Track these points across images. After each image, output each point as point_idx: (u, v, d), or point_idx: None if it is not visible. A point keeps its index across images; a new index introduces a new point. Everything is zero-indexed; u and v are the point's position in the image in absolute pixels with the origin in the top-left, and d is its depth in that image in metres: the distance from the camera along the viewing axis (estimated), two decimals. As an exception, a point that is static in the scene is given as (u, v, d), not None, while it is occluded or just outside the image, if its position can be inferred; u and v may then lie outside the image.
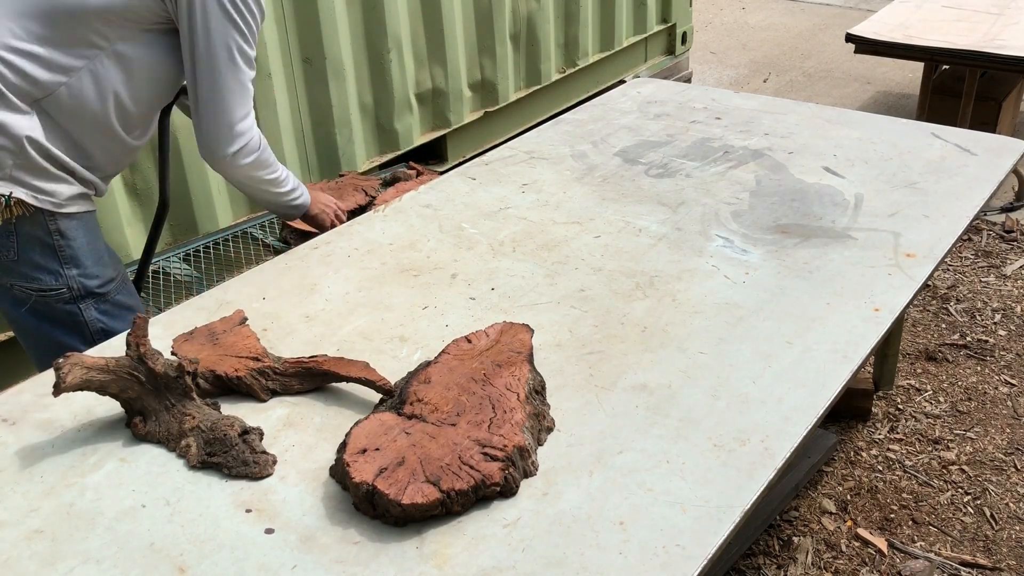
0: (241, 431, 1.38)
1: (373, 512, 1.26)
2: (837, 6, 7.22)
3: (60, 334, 1.88)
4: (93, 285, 1.88)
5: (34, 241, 1.80)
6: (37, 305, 1.86)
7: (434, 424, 1.35)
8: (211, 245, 2.74)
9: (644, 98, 2.80)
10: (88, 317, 1.88)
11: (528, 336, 1.57)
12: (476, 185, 2.28)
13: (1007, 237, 3.72)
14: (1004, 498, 2.42)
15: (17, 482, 1.36)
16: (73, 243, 1.84)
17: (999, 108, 4.22)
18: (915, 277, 1.80)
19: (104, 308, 1.91)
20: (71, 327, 1.88)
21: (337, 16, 3.18)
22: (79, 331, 1.88)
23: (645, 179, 2.27)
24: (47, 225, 1.80)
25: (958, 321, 3.18)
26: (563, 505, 1.28)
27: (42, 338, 1.90)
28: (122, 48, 1.78)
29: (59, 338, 1.87)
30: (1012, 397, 2.80)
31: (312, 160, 3.31)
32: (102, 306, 1.91)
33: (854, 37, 4.10)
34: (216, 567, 1.20)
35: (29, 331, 1.91)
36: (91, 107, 1.79)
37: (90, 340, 1.86)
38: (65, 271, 1.84)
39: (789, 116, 2.61)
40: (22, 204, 1.76)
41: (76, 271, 1.85)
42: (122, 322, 1.91)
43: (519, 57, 4.06)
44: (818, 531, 2.35)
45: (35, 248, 1.81)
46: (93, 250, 1.88)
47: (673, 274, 1.85)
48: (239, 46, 1.81)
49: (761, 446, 1.38)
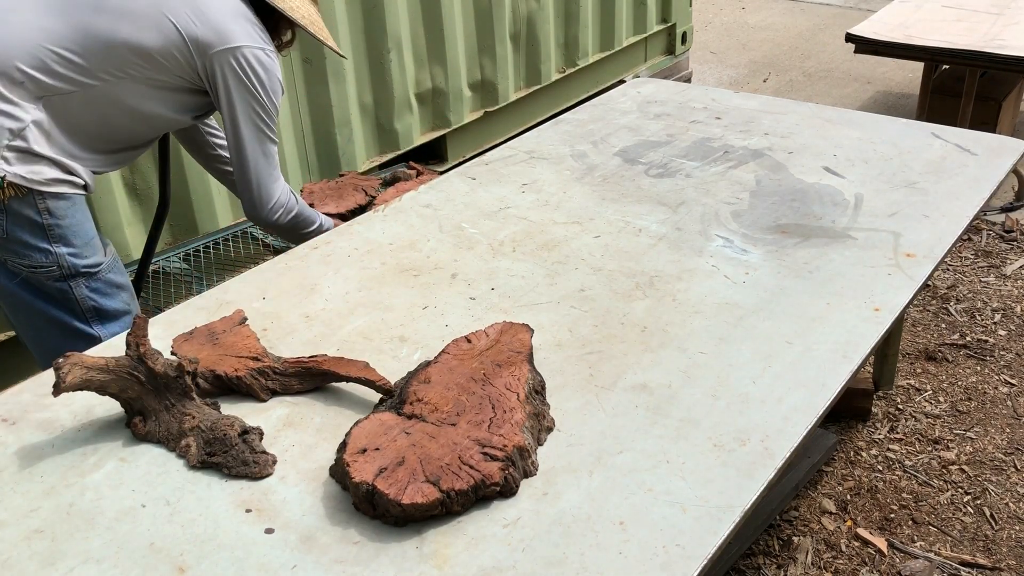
0: (241, 431, 1.38)
1: (373, 512, 1.26)
2: (837, 6, 7.22)
3: (52, 309, 1.93)
4: (81, 265, 1.93)
5: (23, 220, 1.84)
6: (29, 279, 1.91)
7: (434, 424, 1.35)
8: (211, 245, 2.74)
9: (644, 98, 2.80)
10: (79, 295, 1.93)
11: (528, 336, 1.57)
12: (476, 185, 2.28)
13: (1007, 237, 3.72)
14: (1004, 498, 2.42)
15: (17, 482, 1.36)
16: (62, 222, 1.88)
17: (999, 108, 4.22)
18: (915, 277, 1.80)
19: (95, 286, 1.96)
20: (62, 303, 1.93)
21: (337, 16, 3.18)
22: (70, 307, 1.94)
23: (645, 179, 2.27)
24: (36, 204, 1.84)
25: (958, 321, 3.18)
26: (563, 505, 1.28)
27: (35, 313, 1.95)
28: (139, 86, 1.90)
29: (51, 313, 1.93)
30: (1012, 397, 2.80)
31: (312, 160, 3.31)
32: (93, 284, 1.95)
33: (854, 37, 4.10)
34: (216, 567, 1.20)
35: (22, 305, 1.95)
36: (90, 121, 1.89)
37: (81, 316, 1.94)
38: (55, 249, 1.89)
39: (789, 116, 2.61)
40: (14, 186, 1.81)
41: (66, 250, 1.90)
42: (112, 300, 1.98)
43: (519, 57, 4.06)
44: (818, 531, 2.35)
45: (24, 227, 1.85)
46: (83, 231, 1.93)
47: (673, 274, 1.85)
48: (263, 121, 2.03)
49: (761, 446, 1.38)
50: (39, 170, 1.84)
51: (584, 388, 1.52)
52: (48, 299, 1.93)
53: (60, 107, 1.85)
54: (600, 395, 1.50)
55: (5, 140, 1.79)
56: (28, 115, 1.81)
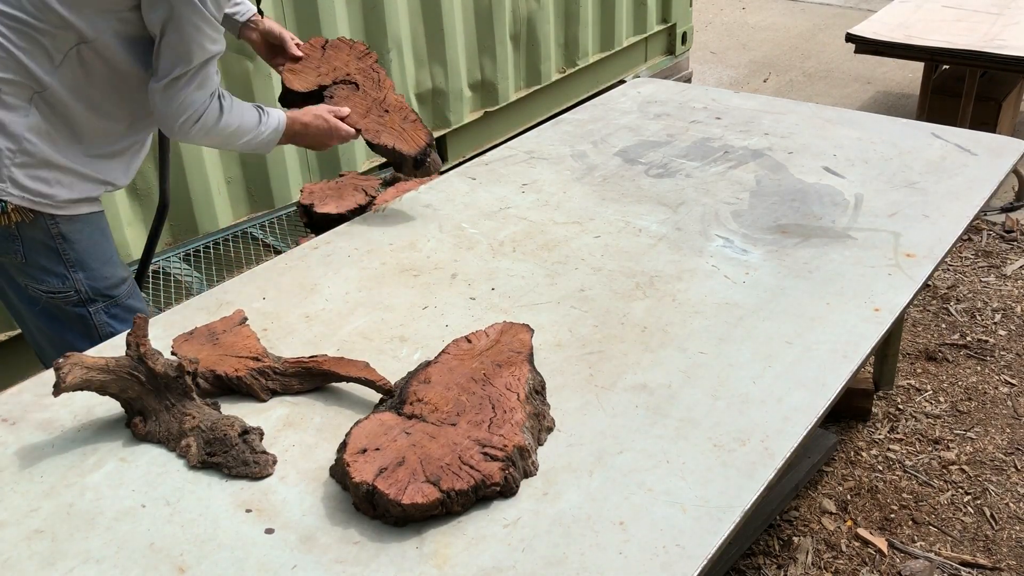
0: (241, 431, 1.38)
1: (373, 512, 1.26)
2: (837, 6, 7.22)
3: (71, 336, 1.87)
4: (102, 286, 1.87)
5: (38, 244, 1.80)
6: (48, 306, 1.86)
7: (434, 424, 1.35)
8: (211, 245, 2.74)
9: (644, 98, 2.80)
10: (98, 320, 1.88)
11: (528, 336, 1.57)
12: (476, 185, 2.28)
13: (1007, 237, 3.72)
14: (1004, 498, 2.42)
15: (17, 482, 1.36)
16: (76, 245, 1.83)
17: (999, 108, 4.22)
18: (915, 277, 1.80)
19: (114, 312, 1.90)
20: (82, 330, 1.88)
21: (337, 16, 3.18)
22: (88, 334, 1.88)
23: (645, 179, 2.27)
24: (49, 229, 1.79)
25: (958, 321, 3.18)
26: (563, 505, 1.28)
27: (55, 339, 1.90)
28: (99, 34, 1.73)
29: (70, 340, 1.85)
30: (1012, 397, 2.80)
31: (312, 160, 3.31)
32: (112, 310, 1.90)
33: (854, 37, 4.10)
34: (216, 567, 1.20)
35: (43, 330, 1.91)
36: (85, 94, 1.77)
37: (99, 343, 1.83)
38: (72, 274, 1.83)
39: (789, 116, 2.61)
40: (19, 211, 1.74)
41: (83, 274, 1.84)
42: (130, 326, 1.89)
43: (519, 57, 4.06)
44: (818, 531, 2.35)
45: (40, 251, 1.80)
46: (100, 251, 1.87)
47: (673, 274, 1.85)
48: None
49: (761, 446, 1.38)
50: (50, 190, 1.76)
51: (584, 388, 1.52)
52: (67, 325, 1.88)
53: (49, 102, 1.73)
54: (600, 395, 1.50)
55: (7, 159, 1.71)
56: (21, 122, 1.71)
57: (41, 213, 1.77)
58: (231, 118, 1.87)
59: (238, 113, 1.89)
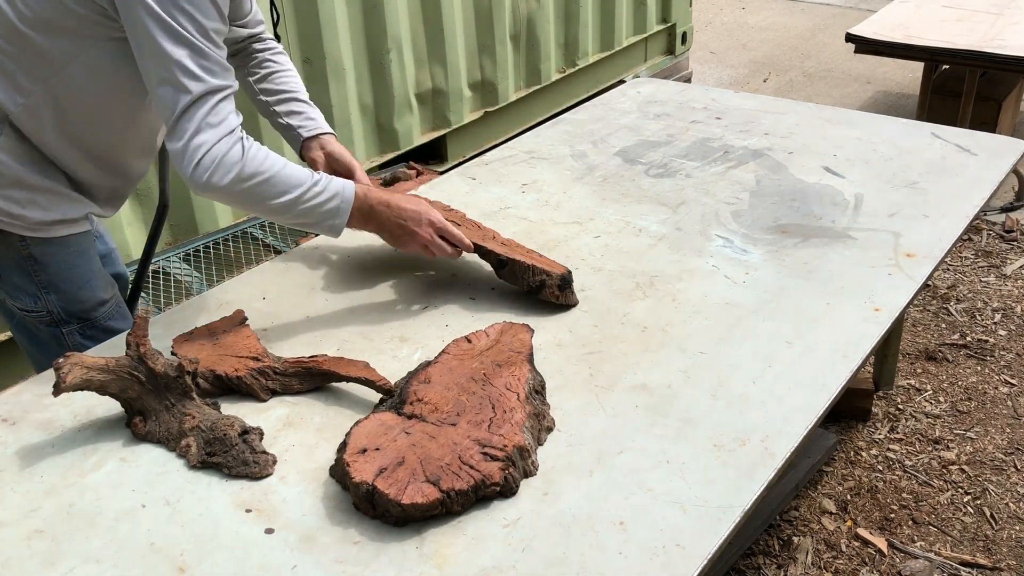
0: (241, 431, 1.38)
1: (373, 512, 1.26)
2: (837, 6, 7.22)
3: (44, 354, 1.78)
4: (77, 309, 1.77)
5: (10, 263, 1.71)
6: (23, 322, 1.79)
7: (434, 424, 1.35)
8: (211, 245, 2.75)
9: (644, 98, 2.80)
10: (71, 341, 1.77)
11: (528, 336, 1.57)
12: (476, 185, 2.28)
13: (1007, 237, 3.72)
14: (1004, 498, 2.42)
15: (17, 482, 1.36)
16: (49, 268, 1.72)
17: (999, 108, 4.22)
18: (915, 277, 1.80)
19: (91, 334, 1.79)
20: (56, 349, 1.76)
21: (337, 16, 3.18)
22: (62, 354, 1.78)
23: (645, 179, 2.27)
24: (19, 250, 1.69)
25: (958, 321, 3.18)
26: (563, 505, 1.28)
27: (32, 352, 1.85)
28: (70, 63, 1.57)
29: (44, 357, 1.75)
30: (1012, 397, 2.80)
31: (312, 160, 3.31)
32: (89, 331, 1.79)
33: (854, 37, 4.10)
34: (216, 567, 1.20)
35: (23, 343, 1.87)
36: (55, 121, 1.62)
37: None
38: (44, 295, 1.74)
39: (789, 116, 2.61)
40: None
41: (55, 296, 1.74)
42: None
43: (519, 57, 4.07)
44: (818, 531, 2.35)
45: (12, 269, 1.71)
46: (75, 274, 1.75)
47: (673, 274, 1.85)
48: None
49: (761, 446, 1.38)
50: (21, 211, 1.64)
51: (584, 388, 1.52)
52: (41, 344, 1.79)
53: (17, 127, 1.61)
54: (600, 395, 1.50)
55: None
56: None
57: (11, 234, 1.67)
58: (260, 165, 1.54)
59: (273, 162, 1.56)
